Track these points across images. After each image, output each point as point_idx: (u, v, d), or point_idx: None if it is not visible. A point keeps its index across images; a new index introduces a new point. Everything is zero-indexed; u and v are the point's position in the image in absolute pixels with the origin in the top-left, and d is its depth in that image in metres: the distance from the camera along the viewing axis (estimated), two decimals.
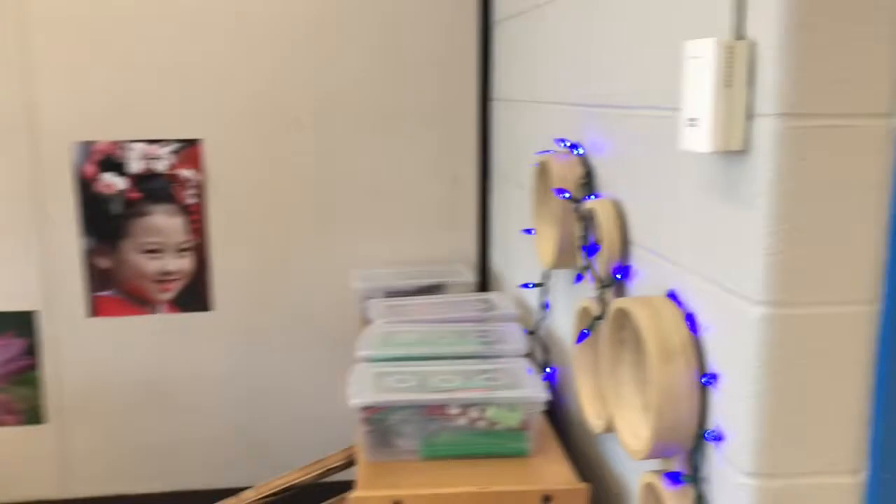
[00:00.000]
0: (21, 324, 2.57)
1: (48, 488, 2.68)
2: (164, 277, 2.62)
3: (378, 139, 2.63)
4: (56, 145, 2.49)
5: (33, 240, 2.53)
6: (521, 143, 2.21)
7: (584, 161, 1.58)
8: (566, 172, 1.58)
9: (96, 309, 2.60)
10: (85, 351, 2.62)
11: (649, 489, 1.21)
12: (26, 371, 2.60)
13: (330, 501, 2.27)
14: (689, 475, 1.13)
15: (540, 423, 1.61)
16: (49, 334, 2.59)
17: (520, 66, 2.26)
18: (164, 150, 2.54)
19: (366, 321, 2.13)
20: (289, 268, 2.67)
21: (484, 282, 2.73)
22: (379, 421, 1.56)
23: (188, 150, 2.55)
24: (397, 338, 1.88)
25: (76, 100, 2.48)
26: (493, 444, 1.57)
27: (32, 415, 2.63)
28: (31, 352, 2.59)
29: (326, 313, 2.70)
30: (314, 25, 2.55)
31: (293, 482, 2.33)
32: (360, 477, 1.51)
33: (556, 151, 1.69)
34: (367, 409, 1.55)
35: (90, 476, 2.68)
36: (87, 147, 2.50)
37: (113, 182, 2.53)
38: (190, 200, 2.58)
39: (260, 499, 2.35)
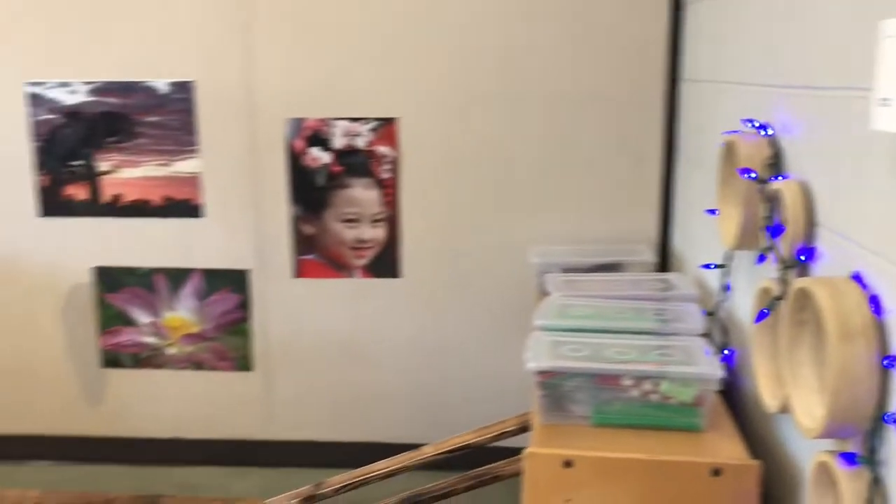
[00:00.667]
0: (236, 281, 2.88)
1: (253, 429, 2.99)
2: (359, 245, 2.83)
3: (562, 117, 2.70)
4: (271, 122, 2.76)
5: (250, 207, 2.82)
6: (708, 124, 2.20)
7: (773, 142, 1.57)
8: (753, 153, 1.58)
9: (300, 271, 2.86)
10: (288, 308, 2.89)
11: (822, 468, 1.21)
12: (239, 323, 2.92)
13: (502, 462, 2.39)
14: (865, 457, 1.13)
15: (714, 400, 1.63)
16: (259, 291, 2.89)
17: (710, 47, 2.24)
18: (364, 128, 2.74)
19: (543, 294, 2.22)
20: (472, 241, 2.81)
21: (663, 262, 2.73)
22: (553, 386, 1.65)
23: (385, 127, 2.74)
24: (573, 310, 1.95)
25: (290, 80, 2.73)
26: (665, 418, 1.61)
27: (242, 362, 2.94)
28: (243, 306, 2.90)
29: (504, 285, 2.81)
30: (503, 5, 2.65)
31: (469, 442, 2.47)
32: (534, 436, 1.61)
33: (743, 132, 1.69)
34: (542, 373, 1.64)
35: (289, 421, 2.97)
36: (297, 123, 2.75)
37: (319, 156, 2.77)
38: (385, 175, 2.77)
39: (437, 454, 2.52)
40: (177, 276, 2.89)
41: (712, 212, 1.85)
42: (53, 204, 2.85)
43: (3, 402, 3.00)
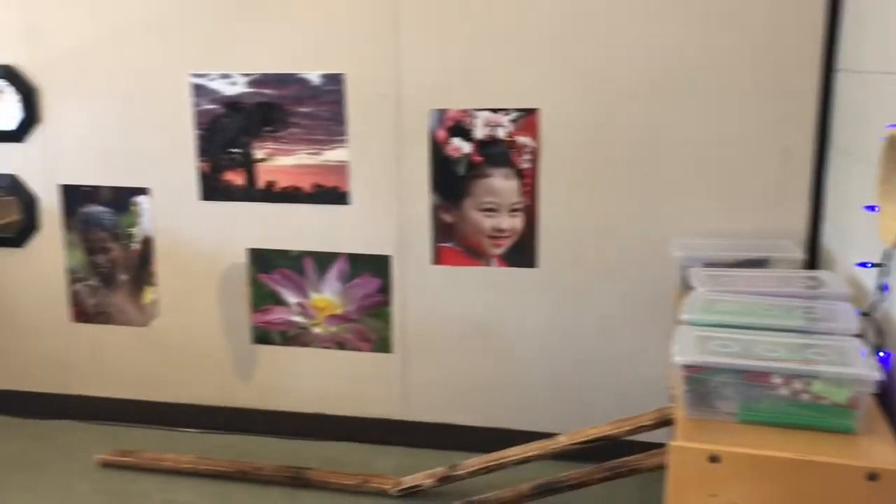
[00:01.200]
0: (378, 266, 3.00)
1: (391, 409, 3.11)
2: (497, 234, 2.89)
3: (708, 108, 2.65)
4: (415, 113, 2.85)
5: (393, 196, 2.93)
6: (868, 116, 2.11)
7: None
8: None
9: (439, 257, 2.95)
10: (426, 293, 2.99)
11: None
12: (379, 306, 3.03)
13: (641, 455, 2.39)
14: None
15: (869, 402, 1.58)
16: (399, 276, 3.00)
17: (875, 35, 2.14)
18: (505, 118, 2.79)
19: (685, 288, 2.20)
20: (611, 232, 2.80)
21: (812, 259, 2.64)
22: (700, 381, 1.64)
23: (526, 118, 2.77)
24: (720, 306, 1.93)
25: (434, 72, 2.81)
26: (817, 418, 1.58)
27: (382, 344, 3.06)
28: (384, 290, 3.02)
29: (642, 278, 2.80)
30: None
31: (604, 434, 2.48)
32: (678, 430, 1.61)
33: None
34: (689, 367, 1.64)
35: (425, 403, 3.07)
36: (440, 114, 2.83)
37: (460, 146, 2.84)
38: (524, 165, 2.81)
39: (572, 444, 2.55)
40: (324, 260, 3.03)
41: (871, 208, 1.79)
42: (213, 189, 3.05)
43: (166, 374, 3.25)
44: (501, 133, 2.80)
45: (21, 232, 3.23)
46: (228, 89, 2.96)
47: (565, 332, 2.91)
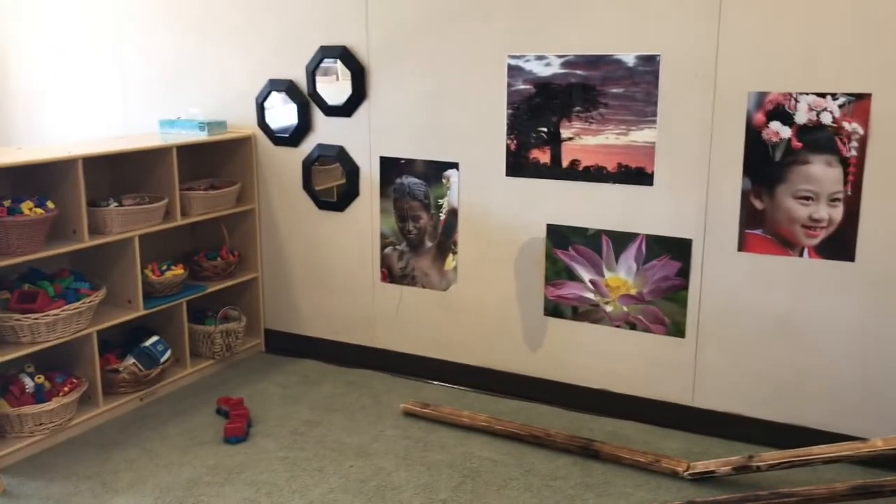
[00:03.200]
0: (678, 248, 2.99)
1: (678, 394, 3.10)
2: (812, 224, 2.76)
3: None
4: (732, 95, 2.79)
5: (700, 179, 2.89)
6: None
7: None
8: None
9: (745, 244, 2.87)
10: (728, 280, 2.93)
11: None
12: (676, 290, 3.02)
13: None
14: None
15: None
16: (699, 261, 2.96)
17: None
18: (833, 103, 2.65)
19: None
20: None
21: None
22: None
23: (857, 104, 2.62)
24: None
25: (756, 54, 2.73)
26: None
27: (675, 328, 3.05)
28: (682, 274, 3.00)
29: None
30: None
31: None
32: None
33: None
34: None
35: (716, 392, 3.02)
36: (760, 97, 2.74)
37: (779, 131, 2.74)
38: (850, 153, 2.65)
39: (888, 449, 2.40)
40: (621, 240, 3.07)
41: None
42: (519, 165, 3.19)
43: (461, 337, 3.47)
44: (827, 118, 2.66)
45: (342, 197, 3.59)
46: (542, 70, 3.07)
47: (883, 331, 2.73)
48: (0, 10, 4.32)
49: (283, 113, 3.62)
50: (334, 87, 3.48)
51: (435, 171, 3.37)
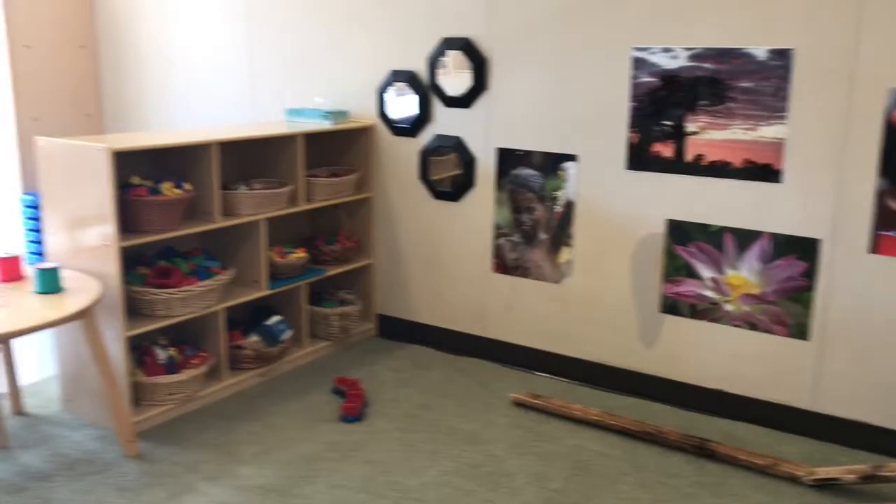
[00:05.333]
0: (805, 249, 2.90)
1: (798, 397, 3.01)
2: None
3: None
4: (871, 91, 2.68)
5: (832, 177, 2.80)
6: None
7: None
8: None
9: (877, 246, 2.76)
10: (858, 283, 2.82)
11: None
12: (801, 291, 2.93)
13: None
14: None
15: None
16: (828, 262, 2.87)
17: None
18: None
19: None
20: None
21: None
22: None
23: None
24: None
25: None
26: None
27: (798, 330, 2.96)
28: (808, 275, 2.91)
29: None
30: None
31: None
32: None
33: None
34: None
35: (839, 397, 2.92)
36: None
37: None
38: None
39: None
40: (745, 237, 3.01)
41: None
42: (640, 159, 3.16)
43: (572, 330, 3.46)
44: None
45: (458, 188, 3.64)
46: (669, 63, 3.03)
47: None
48: (137, 7, 4.56)
49: (403, 103, 3.70)
50: (454, 79, 3.53)
51: (552, 163, 3.37)
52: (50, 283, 2.64)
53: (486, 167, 3.55)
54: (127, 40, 4.65)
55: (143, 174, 3.11)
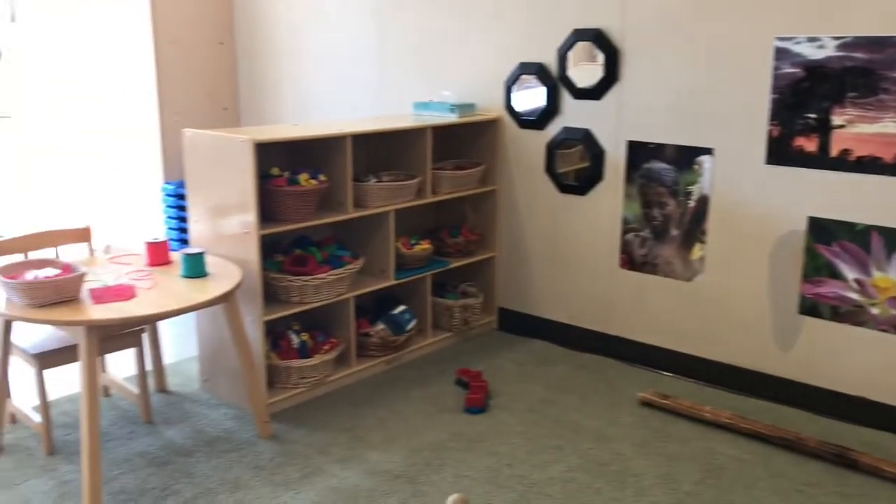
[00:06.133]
0: None
1: None
2: None
3: None
4: None
5: None
6: None
7: None
8: None
9: None
10: None
11: None
12: None
13: None
14: None
15: None
16: None
17: None
18: None
19: None
20: None
21: None
22: None
23: None
24: None
25: None
26: None
27: None
28: None
29: None
30: None
31: None
32: None
33: None
34: None
35: None
36: None
37: None
38: None
39: None
40: (895, 237, 2.83)
41: None
42: (780, 153, 3.03)
43: (703, 330, 3.36)
44: None
45: (585, 181, 3.59)
46: (814, 53, 2.89)
47: None
48: (273, 4, 4.73)
49: (529, 96, 3.68)
50: (585, 70, 3.48)
51: (686, 157, 3.27)
52: (196, 267, 2.77)
53: (615, 160, 3.49)
54: (262, 36, 4.82)
55: (280, 165, 3.22)
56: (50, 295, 2.44)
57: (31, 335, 2.87)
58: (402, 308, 3.57)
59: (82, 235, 3.08)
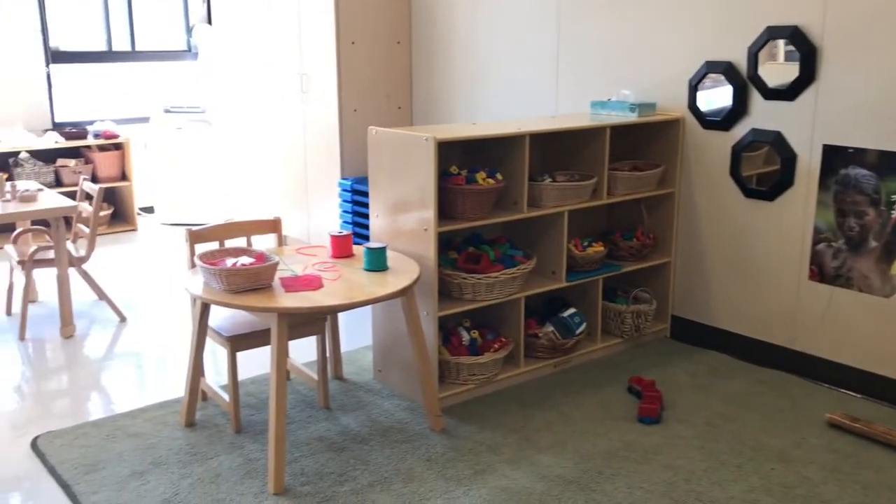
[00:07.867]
0: None
1: None
2: None
3: None
4: None
5: None
6: None
7: None
8: None
9: None
10: None
11: None
12: None
13: None
14: None
15: None
16: None
17: None
18: None
19: None
20: None
21: None
22: None
23: None
24: None
25: None
26: None
27: None
28: None
29: None
30: None
31: None
32: None
33: None
34: None
35: None
36: None
37: None
38: None
39: None
40: None
41: None
42: None
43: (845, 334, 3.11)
44: None
45: (774, 186, 3.39)
46: None
47: None
48: (451, 4, 4.79)
49: (715, 95, 3.52)
50: (777, 69, 3.29)
51: (891, 164, 3.02)
52: (378, 261, 2.85)
53: (807, 165, 3.27)
54: (438, 36, 4.90)
55: (457, 164, 3.25)
56: (246, 282, 2.57)
57: (219, 318, 3.04)
58: (571, 311, 3.51)
59: (273, 226, 3.25)
